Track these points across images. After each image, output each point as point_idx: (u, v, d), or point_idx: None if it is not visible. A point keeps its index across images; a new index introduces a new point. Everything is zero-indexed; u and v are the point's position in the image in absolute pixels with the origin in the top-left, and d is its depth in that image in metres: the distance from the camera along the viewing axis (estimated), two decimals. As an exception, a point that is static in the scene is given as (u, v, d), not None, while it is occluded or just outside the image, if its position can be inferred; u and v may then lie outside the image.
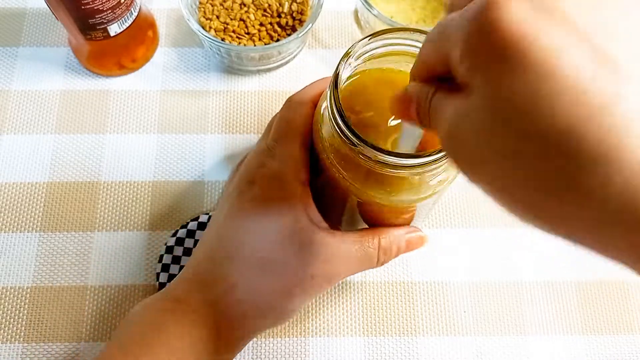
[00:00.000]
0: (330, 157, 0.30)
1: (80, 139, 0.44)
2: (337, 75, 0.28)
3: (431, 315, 0.40)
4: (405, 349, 0.39)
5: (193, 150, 0.44)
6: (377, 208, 0.32)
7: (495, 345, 0.39)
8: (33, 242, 0.41)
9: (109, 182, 0.43)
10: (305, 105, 0.33)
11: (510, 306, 0.40)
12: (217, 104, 0.46)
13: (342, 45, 0.48)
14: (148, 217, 0.42)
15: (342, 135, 0.27)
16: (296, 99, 0.33)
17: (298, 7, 0.46)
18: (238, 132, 0.45)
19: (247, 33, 0.45)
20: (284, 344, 0.39)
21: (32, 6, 0.49)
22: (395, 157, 0.26)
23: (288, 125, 0.32)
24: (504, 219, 0.43)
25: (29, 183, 0.43)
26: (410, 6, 0.47)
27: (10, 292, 0.39)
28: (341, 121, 0.27)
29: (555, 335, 0.40)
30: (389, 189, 0.29)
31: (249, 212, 0.31)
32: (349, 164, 0.29)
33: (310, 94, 0.33)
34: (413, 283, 0.41)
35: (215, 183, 0.43)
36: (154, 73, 0.47)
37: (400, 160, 0.26)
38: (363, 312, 0.40)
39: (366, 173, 0.29)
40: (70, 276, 0.40)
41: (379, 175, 0.28)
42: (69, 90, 0.46)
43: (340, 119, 0.27)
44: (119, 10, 0.40)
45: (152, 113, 0.45)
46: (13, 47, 0.47)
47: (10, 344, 0.38)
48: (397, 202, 0.30)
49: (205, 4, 0.46)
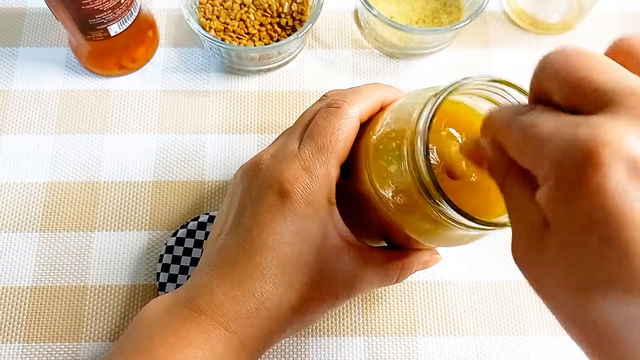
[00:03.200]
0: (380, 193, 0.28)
1: (80, 139, 0.44)
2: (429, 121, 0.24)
3: (431, 315, 0.40)
4: (405, 349, 0.39)
5: (193, 150, 0.44)
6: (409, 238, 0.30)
7: (495, 345, 0.39)
8: (33, 242, 0.41)
9: (109, 182, 0.43)
10: (352, 120, 0.30)
11: (510, 306, 0.40)
12: (217, 104, 0.46)
13: (342, 45, 0.48)
14: (148, 217, 0.42)
15: (423, 189, 0.25)
16: (343, 109, 0.30)
17: (298, 7, 0.46)
18: (238, 132, 0.45)
19: (247, 33, 0.45)
20: (284, 344, 0.39)
21: (32, 6, 0.49)
22: (473, 222, 0.24)
23: (330, 140, 0.30)
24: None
25: (29, 183, 0.43)
26: (410, 6, 0.47)
27: (10, 292, 0.39)
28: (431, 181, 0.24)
29: (555, 335, 0.40)
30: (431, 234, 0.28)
31: (280, 229, 0.29)
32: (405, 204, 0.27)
33: (358, 105, 0.31)
34: (413, 283, 0.41)
35: (215, 183, 0.43)
36: (154, 73, 0.47)
37: (475, 225, 0.25)
38: (363, 312, 0.40)
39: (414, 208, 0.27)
40: (70, 276, 0.40)
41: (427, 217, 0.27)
42: (69, 90, 0.46)
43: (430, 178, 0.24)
44: (119, 10, 0.40)
45: (152, 113, 0.45)
46: (13, 47, 0.47)
47: (10, 344, 0.38)
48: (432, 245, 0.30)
49: (205, 4, 0.46)
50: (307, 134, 0.31)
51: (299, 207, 0.29)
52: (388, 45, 0.48)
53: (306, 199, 0.29)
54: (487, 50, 0.49)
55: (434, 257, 0.35)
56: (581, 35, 0.49)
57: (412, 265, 0.33)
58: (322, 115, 0.31)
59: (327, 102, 0.32)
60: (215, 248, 0.31)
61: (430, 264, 0.35)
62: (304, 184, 0.29)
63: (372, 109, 0.31)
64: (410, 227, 0.29)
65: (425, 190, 0.25)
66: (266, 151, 0.32)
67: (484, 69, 0.48)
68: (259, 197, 0.30)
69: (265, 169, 0.30)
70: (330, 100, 0.31)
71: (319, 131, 0.30)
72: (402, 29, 0.43)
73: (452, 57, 0.48)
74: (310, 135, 0.30)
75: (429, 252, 0.34)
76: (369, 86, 0.32)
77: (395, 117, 0.29)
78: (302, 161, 0.29)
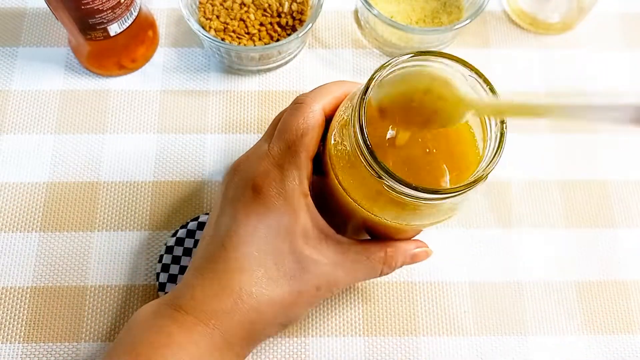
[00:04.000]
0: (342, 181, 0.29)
1: (80, 139, 0.44)
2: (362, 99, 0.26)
3: (431, 315, 0.40)
4: (405, 349, 0.39)
5: (193, 150, 0.44)
6: (384, 226, 0.31)
7: (496, 345, 0.39)
8: (33, 242, 0.41)
9: (109, 182, 0.43)
10: (315, 113, 0.31)
11: (510, 306, 0.40)
12: (217, 104, 0.46)
13: (342, 45, 0.48)
14: (148, 217, 0.42)
15: (367, 164, 0.26)
16: (306, 104, 0.32)
17: (298, 7, 0.46)
18: (238, 132, 0.45)
19: (247, 33, 0.45)
20: (284, 344, 0.39)
21: (32, 6, 0.49)
22: (424, 192, 0.25)
23: (296, 134, 0.31)
24: (504, 219, 0.43)
25: (29, 183, 0.43)
26: (410, 6, 0.47)
27: (10, 292, 0.39)
28: (368, 152, 0.25)
29: (555, 335, 0.40)
30: (402, 214, 0.29)
31: (256, 223, 0.30)
32: (360, 185, 0.28)
33: (321, 99, 0.32)
34: (413, 283, 0.41)
35: (215, 183, 0.43)
36: (153, 73, 0.47)
37: (428, 195, 0.25)
38: (363, 312, 0.40)
39: (376, 195, 0.28)
40: (70, 276, 0.40)
41: (392, 201, 0.27)
42: (69, 90, 0.46)
43: (367, 149, 0.25)
44: (119, 10, 0.40)
45: (152, 113, 0.45)
46: (13, 47, 0.47)
47: (10, 344, 0.38)
48: (407, 226, 0.30)
49: (205, 4, 0.46)
50: (275, 133, 0.32)
51: (271, 200, 0.30)
52: (388, 45, 0.47)
53: (278, 192, 0.30)
54: (487, 50, 0.49)
55: (422, 250, 0.34)
56: (581, 35, 0.49)
57: (396, 257, 0.33)
58: (288, 113, 0.32)
59: (293, 102, 0.33)
60: (199, 250, 0.32)
61: (420, 258, 0.34)
62: (274, 178, 0.30)
63: (336, 103, 0.32)
64: (379, 211, 0.29)
65: (368, 163, 0.26)
66: (244, 155, 0.34)
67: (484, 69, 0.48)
68: (236, 197, 0.31)
69: (241, 171, 0.32)
70: (296, 99, 0.33)
71: (285, 128, 0.31)
72: (402, 29, 0.43)
73: (452, 57, 0.48)
74: (278, 132, 0.32)
75: (414, 243, 0.34)
76: (333, 82, 0.34)
77: (347, 104, 0.30)
78: (272, 157, 0.31)
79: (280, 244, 0.30)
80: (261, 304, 0.30)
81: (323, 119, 0.32)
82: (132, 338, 0.30)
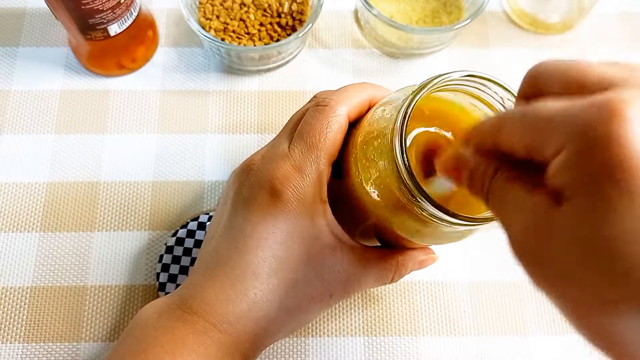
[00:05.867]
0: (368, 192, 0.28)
1: (80, 139, 0.44)
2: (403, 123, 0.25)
3: (431, 315, 0.40)
4: (405, 349, 0.39)
5: (193, 150, 0.44)
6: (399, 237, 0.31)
7: (496, 345, 0.39)
8: (33, 242, 0.41)
9: (109, 182, 0.43)
10: (340, 117, 0.30)
11: (510, 306, 0.40)
12: (217, 104, 0.46)
13: (342, 45, 0.48)
14: (148, 217, 0.42)
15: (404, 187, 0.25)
16: (331, 106, 0.30)
17: (298, 7, 0.46)
18: (238, 132, 0.45)
19: (247, 33, 0.45)
20: (284, 344, 0.39)
21: (32, 6, 0.49)
22: (455, 218, 0.24)
23: (319, 138, 0.30)
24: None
25: (29, 183, 0.43)
26: (410, 6, 0.47)
27: (10, 292, 0.39)
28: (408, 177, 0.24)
29: (555, 335, 0.40)
30: (420, 233, 0.28)
31: (272, 228, 0.29)
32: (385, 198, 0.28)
33: (346, 103, 0.31)
34: (413, 283, 0.41)
35: (215, 183, 0.43)
36: (153, 73, 0.47)
37: (458, 221, 0.24)
38: (363, 312, 0.40)
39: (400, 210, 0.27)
40: (70, 276, 0.40)
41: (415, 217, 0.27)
42: (69, 90, 0.46)
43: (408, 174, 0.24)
44: (119, 10, 0.40)
45: (152, 113, 0.45)
46: (13, 47, 0.47)
47: (10, 344, 0.38)
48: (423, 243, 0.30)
49: (205, 4, 0.46)
50: (296, 134, 0.31)
51: (290, 206, 0.29)
52: (388, 45, 0.47)
53: (297, 197, 0.29)
54: (487, 50, 0.49)
55: (430, 256, 0.34)
56: (581, 35, 0.49)
57: (407, 265, 0.33)
58: (311, 115, 0.31)
59: (315, 102, 0.32)
60: (208, 249, 0.31)
61: (427, 264, 0.34)
62: (294, 183, 0.29)
63: (360, 107, 0.31)
64: (398, 225, 0.29)
65: (406, 187, 0.25)
66: (257, 153, 0.32)
67: (484, 69, 0.48)
68: (251, 198, 0.30)
69: (257, 170, 0.31)
70: (319, 99, 0.32)
71: (308, 130, 0.30)
72: (402, 29, 0.43)
73: (452, 57, 0.48)
74: (300, 134, 0.30)
75: (424, 251, 0.34)
76: (357, 85, 0.33)
77: (378, 116, 0.29)
78: (293, 160, 0.30)
79: (296, 251, 0.29)
80: (275, 311, 0.29)
81: (347, 124, 0.31)
82: (138, 339, 0.29)
